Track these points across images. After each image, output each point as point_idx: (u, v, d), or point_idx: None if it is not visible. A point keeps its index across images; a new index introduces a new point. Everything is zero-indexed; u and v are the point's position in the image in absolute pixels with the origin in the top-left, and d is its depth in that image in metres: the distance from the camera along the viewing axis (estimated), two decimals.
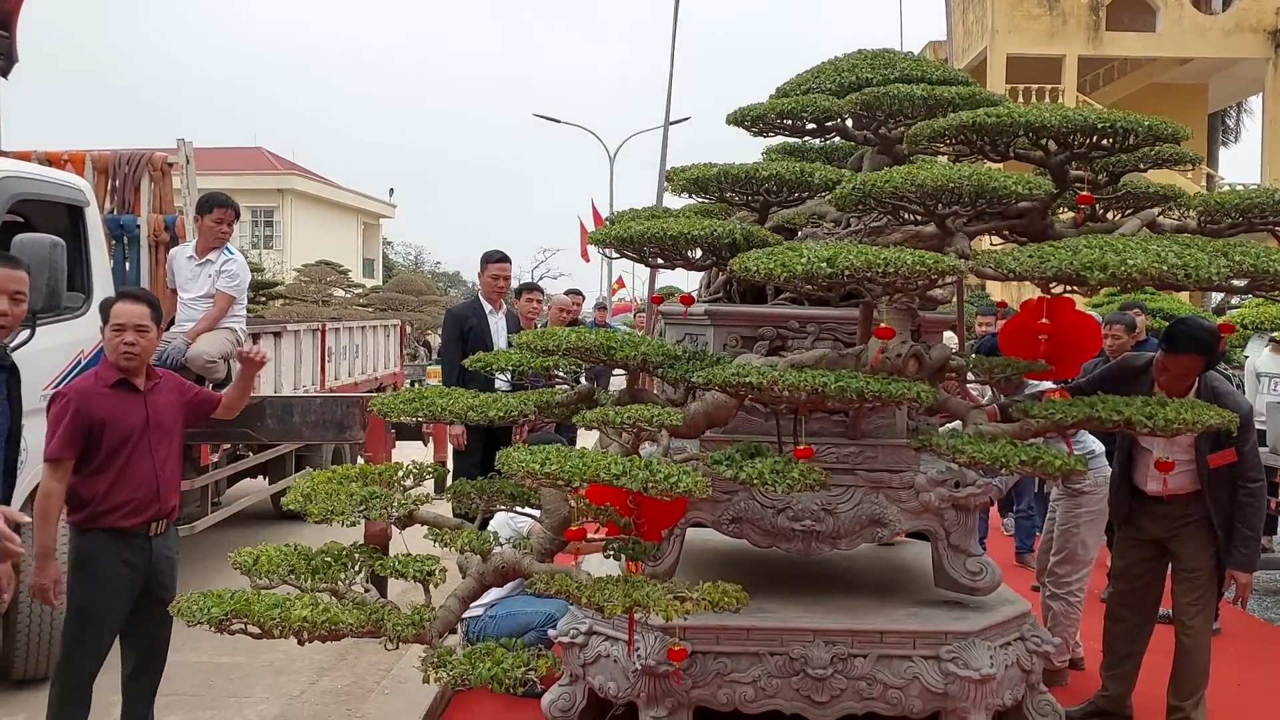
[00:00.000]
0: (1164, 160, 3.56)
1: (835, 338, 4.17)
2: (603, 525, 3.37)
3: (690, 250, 3.25)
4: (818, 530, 4.16)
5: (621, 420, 2.71)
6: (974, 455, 2.76)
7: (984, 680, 3.84)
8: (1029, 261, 2.65)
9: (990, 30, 27.06)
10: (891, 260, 2.56)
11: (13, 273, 3.35)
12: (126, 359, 3.62)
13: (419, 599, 2.73)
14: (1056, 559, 5.02)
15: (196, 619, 2.30)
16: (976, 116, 3.15)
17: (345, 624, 2.27)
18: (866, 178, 3.05)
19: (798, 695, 3.87)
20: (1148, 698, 4.43)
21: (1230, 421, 3.14)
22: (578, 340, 2.95)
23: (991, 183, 2.86)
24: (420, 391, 3.26)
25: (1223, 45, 26.87)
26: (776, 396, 2.76)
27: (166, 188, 7.17)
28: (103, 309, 3.79)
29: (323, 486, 2.86)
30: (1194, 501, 4.14)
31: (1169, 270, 2.52)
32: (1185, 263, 2.54)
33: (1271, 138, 27.24)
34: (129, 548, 3.62)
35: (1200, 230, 3.43)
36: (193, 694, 4.81)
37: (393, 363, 11.74)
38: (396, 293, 31.83)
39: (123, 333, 3.60)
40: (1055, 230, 3.56)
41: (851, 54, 4.24)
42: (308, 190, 38.56)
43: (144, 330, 3.66)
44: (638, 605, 2.45)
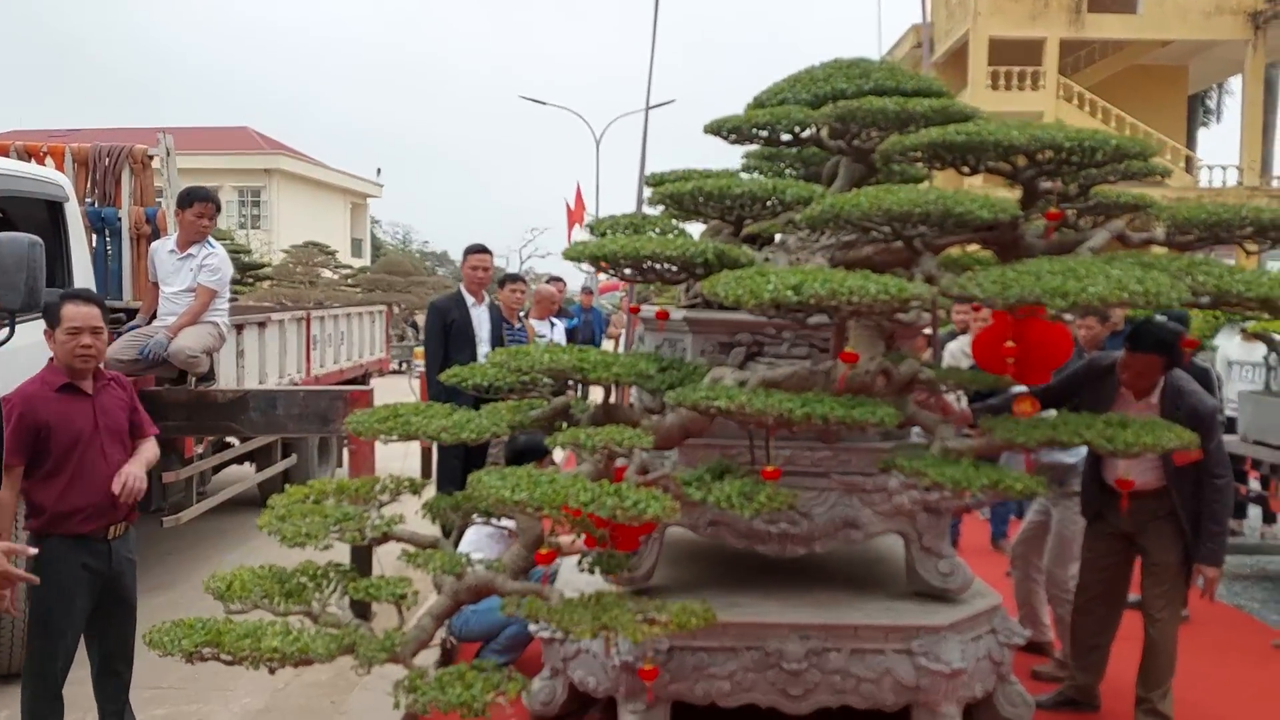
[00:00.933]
0: (1133, 174, 3.59)
1: (811, 344, 4.21)
2: (579, 537, 3.40)
3: (663, 267, 3.27)
4: (793, 533, 4.23)
5: (593, 444, 2.74)
6: (938, 479, 2.81)
7: (954, 674, 3.93)
8: (992, 288, 2.69)
9: (972, 13, 27.05)
10: (856, 289, 2.60)
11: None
12: (83, 361, 3.60)
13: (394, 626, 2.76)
14: (1054, 561, 5.04)
15: (169, 650, 2.33)
16: (946, 134, 3.18)
17: (316, 653, 2.30)
18: (835, 200, 3.08)
19: (773, 689, 3.95)
20: (1116, 684, 4.52)
21: (1190, 444, 3.19)
22: (551, 360, 2.98)
23: (957, 206, 2.90)
24: (395, 409, 3.28)
25: (1203, 27, 26.96)
26: (745, 419, 2.79)
27: (147, 180, 7.18)
28: (49, 312, 3.70)
29: (297, 507, 2.88)
30: (1160, 497, 4.22)
31: (1130, 297, 2.56)
32: (1147, 288, 2.59)
33: (1250, 119, 27.40)
34: (88, 552, 3.62)
35: (1168, 243, 3.48)
36: (177, 687, 4.84)
37: (378, 348, 11.74)
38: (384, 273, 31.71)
39: (79, 335, 3.57)
40: (1026, 242, 3.60)
41: (828, 63, 4.27)
42: (295, 170, 38.31)
43: (99, 332, 3.64)
44: (605, 628, 2.49)
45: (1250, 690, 4.95)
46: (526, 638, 4.61)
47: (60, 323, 3.59)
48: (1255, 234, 3.32)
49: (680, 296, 4.70)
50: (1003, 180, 3.62)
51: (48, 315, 3.70)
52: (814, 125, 3.99)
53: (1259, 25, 26.65)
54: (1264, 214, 3.26)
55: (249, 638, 2.29)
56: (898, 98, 3.72)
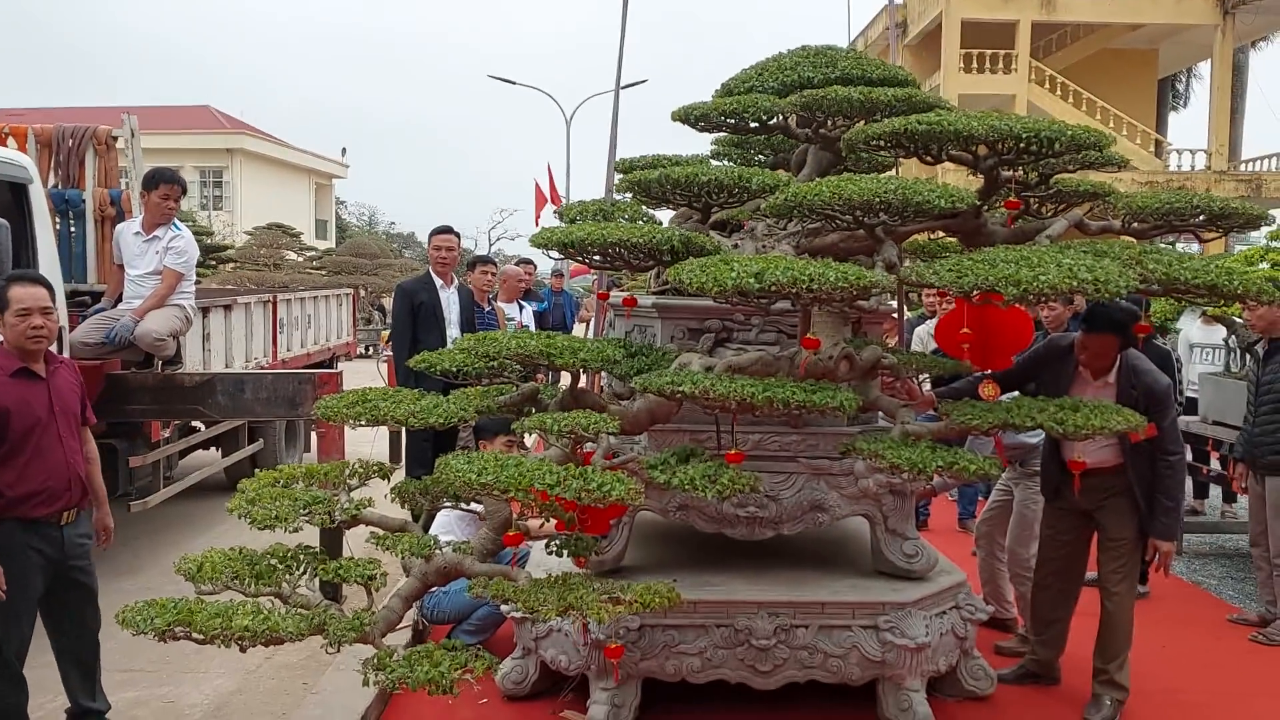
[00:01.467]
0: (1090, 164, 3.67)
1: (779, 330, 4.28)
2: (548, 521, 3.45)
3: (631, 254, 3.32)
4: (761, 516, 4.32)
5: (559, 428, 2.79)
6: (895, 461, 2.89)
7: (919, 649, 4.04)
8: (948, 276, 2.76)
9: None
10: (816, 276, 2.66)
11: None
12: (35, 343, 3.60)
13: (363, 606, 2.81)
14: (1016, 540, 5.15)
15: (141, 629, 2.37)
16: (909, 123, 3.25)
17: (287, 631, 2.35)
18: (798, 189, 3.14)
19: (742, 665, 4.04)
20: (1076, 659, 4.64)
21: (1138, 425, 3.28)
22: (518, 346, 3.02)
23: (915, 195, 2.97)
24: (364, 394, 3.31)
25: (1173, 11, 27.16)
26: (709, 404, 2.85)
27: (111, 162, 7.12)
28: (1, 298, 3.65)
29: (266, 490, 2.92)
30: (1118, 474, 4.34)
31: (1080, 285, 2.64)
32: (1096, 276, 2.66)
33: (1219, 104, 27.68)
34: (40, 537, 3.64)
35: (1124, 230, 3.56)
36: (148, 670, 4.87)
37: (345, 332, 11.71)
38: (350, 256, 31.46)
39: (29, 316, 3.56)
40: (988, 229, 3.68)
41: (795, 51, 4.32)
42: (258, 150, 37.72)
43: (49, 313, 3.65)
44: (571, 608, 2.55)
45: (1204, 661, 5.11)
46: (498, 619, 4.67)
47: (9, 305, 3.58)
48: (1207, 222, 3.41)
49: (650, 283, 4.75)
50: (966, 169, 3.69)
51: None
52: (781, 113, 4.04)
53: (1228, 10, 26.89)
54: (1215, 202, 3.36)
55: (220, 617, 2.34)
56: (862, 87, 3.78)
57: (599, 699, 4.05)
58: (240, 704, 4.54)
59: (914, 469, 2.90)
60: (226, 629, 2.30)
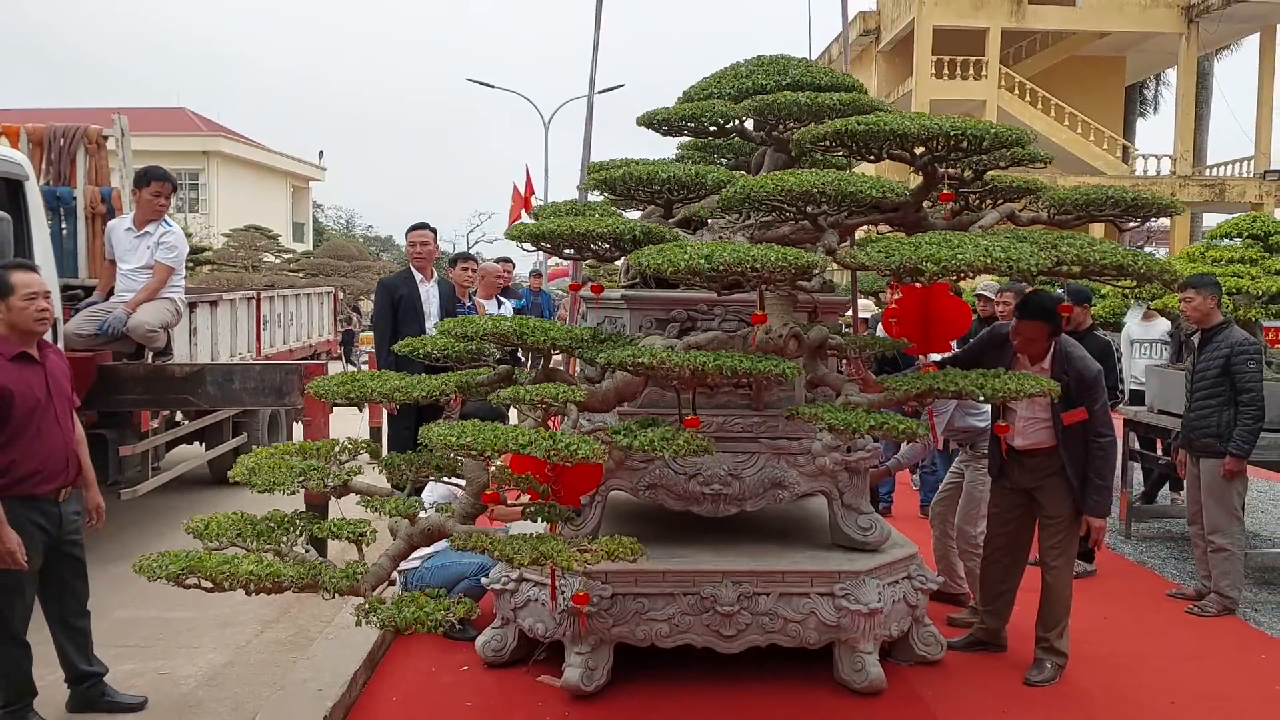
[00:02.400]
0: (1019, 160, 4.00)
1: (739, 319, 4.60)
2: (524, 492, 3.74)
3: (598, 244, 3.62)
4: (725, 493, 4.62)
5: (531, 398, 3.09)
6: (831, 422, 3.20)
7: (872, 614, 4.35)
8: (877, 256, 3.08)
9: (918, 2, 27.65)
10: (759, 257, 2.97)
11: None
12: (40, 324, 3.85)
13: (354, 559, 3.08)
14: (965, 519, 5.49)
15: (156, 575, 2.63)
16: (849, 124, 3.56)
17: (287, 577, 2.62)
18: (746, 183, 3.46)
19: (708, 630, 4.34)
20: (1022, 629, 4.97)
21: (1052, 390, 3.61)
22: (494, 326, 3.32)
23: (850, 186, 3.28)
24: (353, 374, 3.60)
25: (1139, 19, 27.80)
26: (667, 374, 3.15)
27: (102, 160, 7.36)
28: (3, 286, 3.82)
29: (266, 461, 3.20)
30: (1053, 455, 4.66)
31: (994, 262, 2.96)
32: (1009, 255, 2.99)
33: (1184, 110, 28.30)
34: (40, 513, 3.88)
35: (1050, 221, 3.90)
36: (143, 645, 5.11)
37: (327, 330, 11.93)
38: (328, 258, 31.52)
39: (36, 299, 3.82)
40: (928, 222, 4.01)
41: (750, 60, 4.66)
42: (234, 153, 37.38)
43: (48, 296, 3.92)
44: (543, 556, 2.83)
45: (1142, 630, 5.45)
46: (479, 592, 4.94)
47: (14, 290, 3.79)
48: (1123, 212, 3.76)
49: (620, 277, 5.06)
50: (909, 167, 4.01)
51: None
52: (737, 118, 4.36)
53: (1192, 19, 27.54)
54: (1127, 194, 3.70)
55: (228, 564, 2.60)
56: (809, 92, 4.10)
57: (574, 662, 4.33)
58: (233, 674, 4.80)
59: (849, 427, 3.21)
60: (233, 574, 2.56)
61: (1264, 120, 28.06)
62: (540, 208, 4.65)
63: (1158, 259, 3.40)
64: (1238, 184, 27.87)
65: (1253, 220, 7.73)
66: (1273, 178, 27.78)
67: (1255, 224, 7.64)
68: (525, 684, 4.52)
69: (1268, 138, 28.10)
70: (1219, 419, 5.66)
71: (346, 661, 4.44)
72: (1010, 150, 3.82)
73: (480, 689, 4.48)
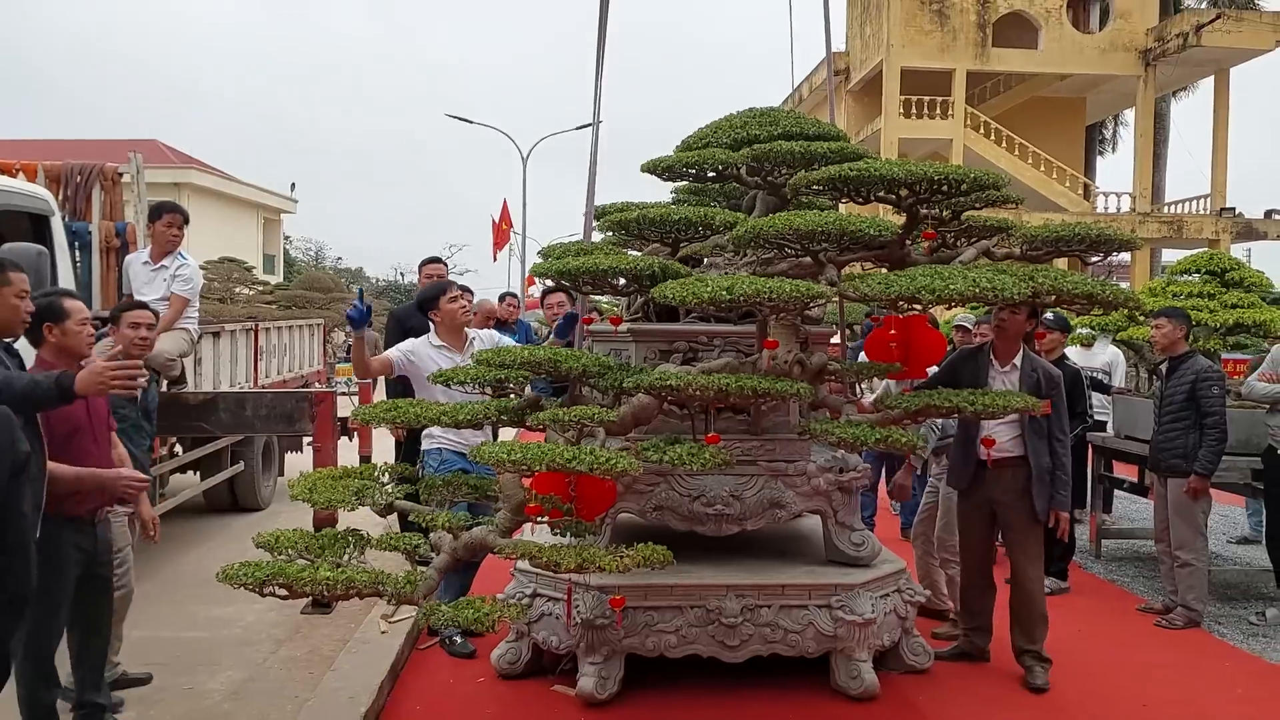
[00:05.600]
0: (993, 201, 4.40)
1: (737, 350, 4.93)
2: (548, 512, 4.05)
3: (616, 280, 3.96)
4: (727, 513, 4.92)
5: (569, 419, 3.41)
6: (840, 435, 3.55)
7: (867, 624, 4.66)
8: (878, 287, 3.45)
9: (886, 44, 28.50)
10: (774, 288, 3.33)
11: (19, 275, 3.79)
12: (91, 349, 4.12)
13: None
14: (944, 529, 5.84)
15: (243, 582, 2.91)
16: (842, 170, 3.95)
17: (359, 582, 2.91)
18: (755, 223, 3.82)
19: (713, 641, 4.63)
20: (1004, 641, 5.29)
21: (1035, 406, 3.98)
22: (529, 355, 3.64)
23: (851, 226, 3.66)
24: (395, 403, 3.90)
25: (1099, 62, 28.80)
26: (691, 395, 3.49)
27: (117, 196, 7.60)
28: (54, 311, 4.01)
29: (322, 481, 3.50)
30: (1021, 465, 5.00)
31: (981, 291, 3.34)
32: (994, 285, 3.37)
33: (1142, 149, 29.27)
34: (79, 533, 4.01)
35: (1023, 256, 4.29)
36: (165, 664, 5.25)
37: (317, 360, 12.12)
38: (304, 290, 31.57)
39: (86, 325, 4.06)
40: (912, 258, 4.39)
41: (743, 112, 5.07)
42: (206, 185, 37.21)
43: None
44: (587, 561, 3.14)
45: (1113, 640, 5.82)
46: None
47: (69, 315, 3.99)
48: (1088, 247, 4.16)
49: (624, 313, 5.40)
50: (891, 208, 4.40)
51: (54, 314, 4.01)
52: (734, 165, 4.75)
53: (1149, 62, 28.58)
54: (1091, 230, 4.11)
55: (306, 571, 2.89)
56: (802, 141, 4.50)
57: (587, 672, 4.61)
58: (255, 689, 5.00)
59: (857, 440, 3.56)
60: (312, 580, 2.85)
61: (1219, 160, 29.10)
62: (550, 246, 4.99)
63: (1123, 289, 3.80)
64: (1195, 221, 28.80)
65: (1210, 257, 8.21)
66: (1229, 215, 28.74)
67: (1212, 260, 8.12)
68: (541, 693, 4.78)
69: (1223, 176, 29.12)
70: (1185, 441, 6.03)
71: (372, 672, 4.70)
72: (985, 192, 4.22)
73: (498, 698, 4.74)
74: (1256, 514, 8.15)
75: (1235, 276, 7.81)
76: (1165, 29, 28.25)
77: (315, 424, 6.60)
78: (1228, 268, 7.94)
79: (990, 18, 28.51)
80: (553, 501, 3.99)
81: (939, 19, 28.49)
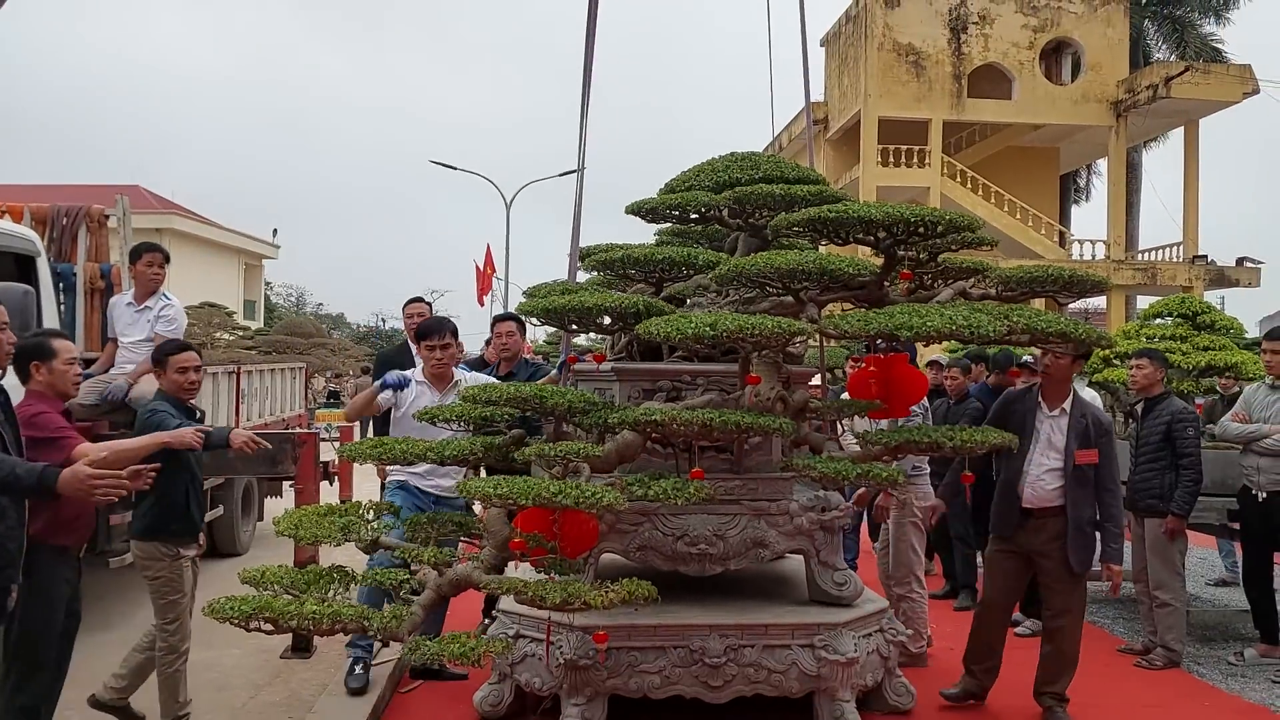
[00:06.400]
0: (969, 243, 4.51)
1: (720, 388, 4.97)
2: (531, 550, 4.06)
3: (601, 318, 4.03)
4: (710, 553, 4.92)
5: (556, 454, 3.44)
6: (823, 470, 3.60)
7: (850, 663, 4.66)
8: (859, 324, 3.52)
9: (864, 94, 29.02)
10: (756, 324, 3.40)
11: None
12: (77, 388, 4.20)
13: None
14: (895, 568, 5.97)
15: (230, 616, 2.91)
16: (822, 212, 4.04)
17: (346, 616, 2.91)
18: (739, 262, 3.91)
19: (696, 681, 4.61)
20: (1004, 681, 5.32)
21: (1010, 441, 4.05)
22: (515, 392, 3.69)
23: (831, 265, 3.74)
24: (381, 440, 3.93)
25: (1071, 113, 29.41)
26: (675, 431, 3.53)
27: (102, 238, 7.65)
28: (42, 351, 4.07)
29: (307, 519, 3.51)
30: (1059, 515, 4.90)
31: (957, 329, 3.42)
32: (970, 323, 3.45)
33: (1115, 199, 29.83)
34: (68, 566, 4.02)
35: (998, 297, 4.39)
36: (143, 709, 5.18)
37: (298, 404, 12.07)
38: (285, 335, 31.57)
39: (74, 364, 4.12)
40: (890, 298, 4.47)
41: (724, 156, 5.19)
42: (188, 230, 37.24)
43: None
44: (572, 596, 3.16)
45: (1097, 679, 5.84)
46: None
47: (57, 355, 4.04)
48: (1061, 288, 4.26)
49: (607, 352, 5.46)
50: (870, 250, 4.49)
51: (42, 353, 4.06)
52: (717, 207, 4.84)
53: (1120, 113, 29.22)
54: (1064, 272, 4.22)
55: (293, 604, 2.89)
56: (782, 184, 4.61)
57: (570, 714, 4.57)
58: None
59: (838, 475, 3.61)
60: (298, 614, 2.85)
61: (1191, 208, 29.67)
62: (534, 287, 5.06)
63: (1095, 328, 3.90)
64: (1169, 268, 29.26)
65: (1181, 301, 8.39)
66: (1202, 262, 29.22)
67: (1184, 304, 8.30)
68: None
69: (1195, 224, 29.67)
70: (1161, 481, 6.10)
71: (353, 716, 4.67)
72: (961, 234, 4.32)
73: None
74: (1230, 554, 8.24)
75: (1206, 320, 7.97)
76: (1135, 81, 28.91)
77: (298, 466, 6.57)
78: (1199, 311, 8.10)
79: (965, 69, 29.11)
80: (537, 539, 4.02)
81: (915, 70, 29.07)
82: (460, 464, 3.97)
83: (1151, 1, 32.12)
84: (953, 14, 29.12)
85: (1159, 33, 32.28)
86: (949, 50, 29.07)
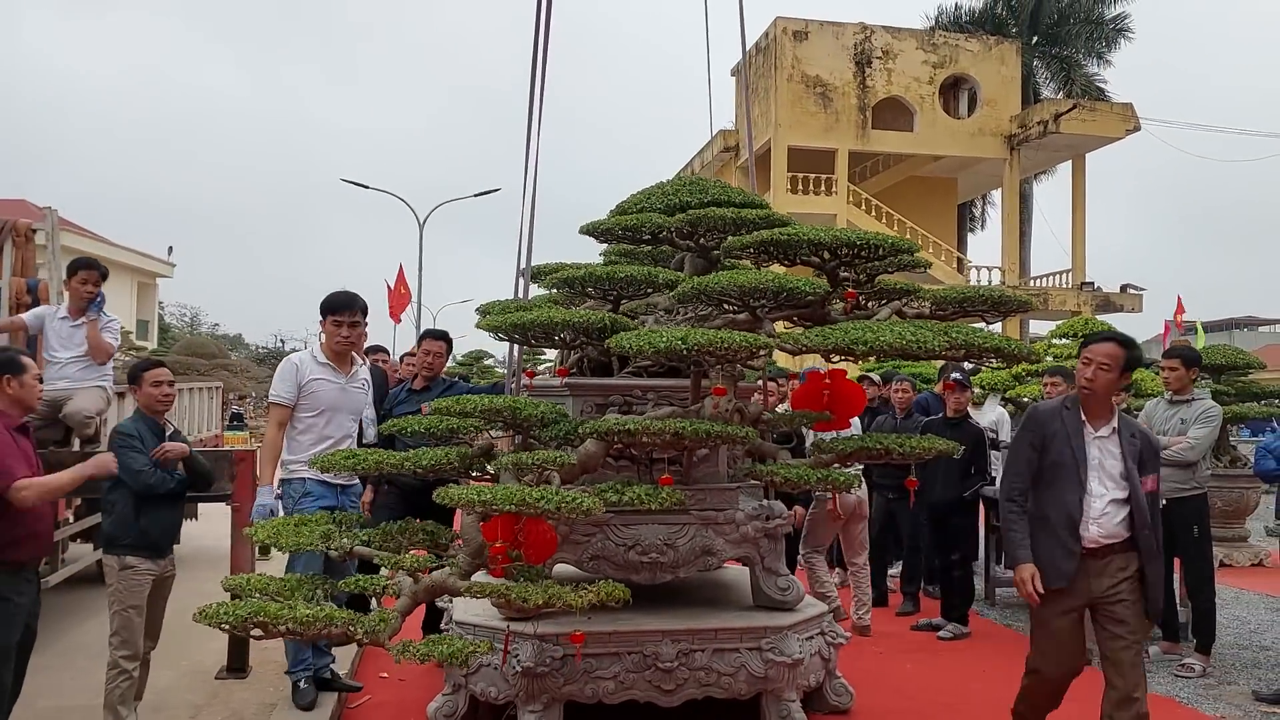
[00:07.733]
0: (904, 266, 4.83)
1: (670, 402, 5.18)
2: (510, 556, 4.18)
3: (563, 334, 4.19)
4: (661, 561, 5.10)
5: (532, 462, 3.59)
6: (785, 476, 3.83)
7: (795, 664, 4.88)
8: (815, 339, 3.77)
9: (774, 123, 29.84)
10: (726, 339, 3.61)
11: None
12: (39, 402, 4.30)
13: None
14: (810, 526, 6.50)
15: (222, 622, 2.97)
16: (773, 234, 4.30)
17: (336, 620, 3.00)
18: (702, 280, 4.13)
19: (650, 686, 4.77)
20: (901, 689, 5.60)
21: (953, 449, 4.34)
22: (489, 403, 3.82)
23: (789, 284, 3.99)
24: (354, 450, 4.02)
25: (968, 145, 30.78)
26: (645, 441, 3.71)
27: (29, 253, 7.48)
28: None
29: (283, 528, 3.58)
30: (1126, 551, 4.12)
31: (905, 344, 3.70)
32: (918, 339, 3.73)
33: (1009, 227, 31.26)
34: (25, 583, 4.02)
35: (932, 315, 4.70)
36: None
37: (215, 424, 11.85)
38: (186, 355, 30.72)
39: (39, 381, 4.20)
40: (831, 317, 4.74)
41: (674, 180, 5.42)
42: (77, 247, 35.87)
43: None
44: (553, 598, 3.30)
45: (1012, 678, 6.15)
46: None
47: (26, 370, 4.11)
48: (990, 308, 4.61)
49: (556, 366, 5.62)
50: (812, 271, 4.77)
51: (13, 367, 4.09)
52: (668, 229, 5.07)
53: (1013, 147, 30.69)
54: (994, 293, 4.57)
55: (286, 609, 2.96)
56: (731, 208, 4.87)
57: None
58: None
59: (800, 479, 3.84)
60: (290, 618, 2.93)
61: (1078, 237, 31.29)
62: (489, 304, 5.20)
63: (1024, 344, 4.24)
64: (1059, 293, 30.75)
65: (1085, 322, 8.98)
66: (1089, 288, 30.80)
67: (1086, 325, 8.88)
68: None
69: (1082, 253, 31.28)
70: None
71: None
72: (899, 256, 4.62)
73: None
74: None
75: None
76: (1027, 116, 30.42)
77: (235, 484, 6.52)
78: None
79: (870, 101, 30.21)
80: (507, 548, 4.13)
81: (823, 101, 30.04)
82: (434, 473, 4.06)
83: (1040, 41, 33.86)
84: (858, 49, 30.22)
85: (1048, 71, 34.03)
86: (854, 83, 30.14)
